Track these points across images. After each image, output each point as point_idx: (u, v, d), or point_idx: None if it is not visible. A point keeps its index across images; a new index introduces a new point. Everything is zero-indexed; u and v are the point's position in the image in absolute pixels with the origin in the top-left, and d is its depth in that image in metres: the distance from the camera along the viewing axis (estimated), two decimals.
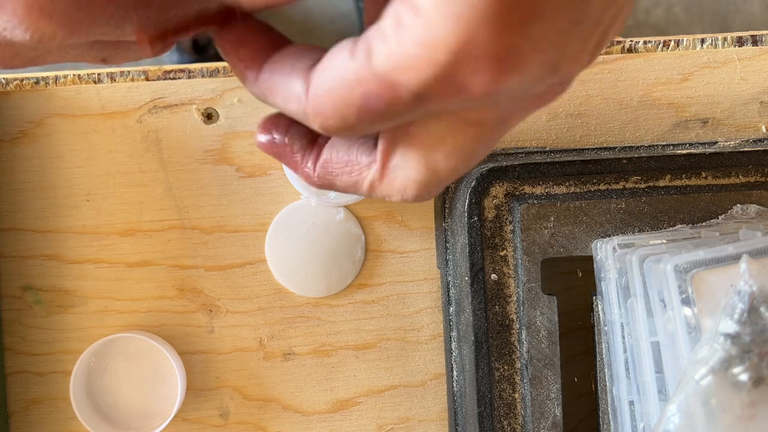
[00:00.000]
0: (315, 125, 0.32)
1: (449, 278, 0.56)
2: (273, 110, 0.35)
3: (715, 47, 0.58)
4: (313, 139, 0.36)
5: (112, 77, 0.58)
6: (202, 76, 0.58)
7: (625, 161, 0.54)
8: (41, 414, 0.58)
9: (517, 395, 0.54)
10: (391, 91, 0.29)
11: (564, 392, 0.53)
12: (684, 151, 0.54)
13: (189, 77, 0.58)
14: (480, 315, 0.53)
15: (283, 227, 0.58)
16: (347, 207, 0.58)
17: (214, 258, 0.58)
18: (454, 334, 0.56)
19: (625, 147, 0.57)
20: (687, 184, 0.54)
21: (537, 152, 0.57)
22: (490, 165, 0.54)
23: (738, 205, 0.53)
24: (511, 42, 0.27)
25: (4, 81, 0.57)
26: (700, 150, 0.54)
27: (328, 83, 0.30)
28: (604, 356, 0.52)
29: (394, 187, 0.34)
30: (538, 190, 0.54)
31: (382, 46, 0.28)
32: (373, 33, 0.29)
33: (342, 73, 0.30)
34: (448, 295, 0.56)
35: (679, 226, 0.53)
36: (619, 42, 0.58)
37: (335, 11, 1.54)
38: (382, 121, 0.30)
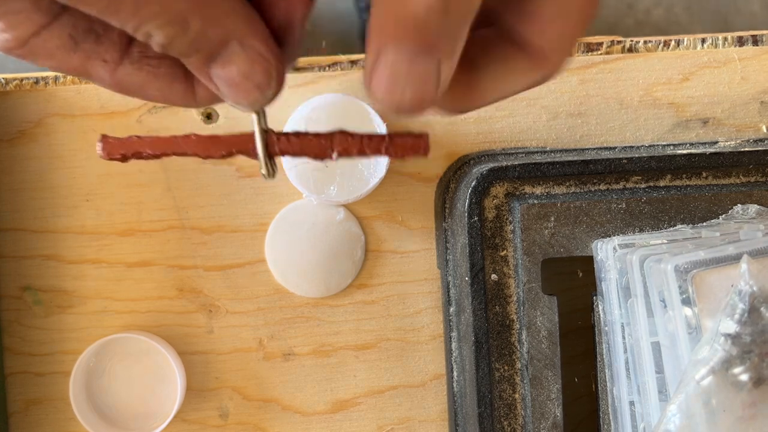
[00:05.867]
0: None
1: (449, 278, 0.56)
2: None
3: (716, 47, 0.58)
4: None
5: None
6: None
7: (625, 161, 0.54)
8: (41, 414, 0.58)
9: (517, 396, 0.54)
10: None
11: (564, 393, 0.53)
12: (684, 151, 0.54)
13: None
14: (480, 315, 0.53)
15: (282, 227, 0.58)
16: (347, 207, 0.58)
17: (214, 258, 0.58)
18: (454, 334, 0.56)
19: (626, 147, 0.57)
20: (687, 184, 0.54)
21: (537, 152, 0.57)
22: (490, 165, 0.54)
23: (738, 205, 0.53)
24: None
25: (3, 81, 0.57)
26: (700, 150, 0.54)
27: None
28: (604, 356, 0.52)
29: None
30: (539, 190, 0.54)
31: None
32: None
33: None
34: (448, 295, 0.56)
35: (680, 226, 0.53)
36: (619, 42, 0.58)
37: (335, 11, 1.54)
38: None
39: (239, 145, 0.34)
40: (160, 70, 0.33)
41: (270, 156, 0.34)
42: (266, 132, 0.33)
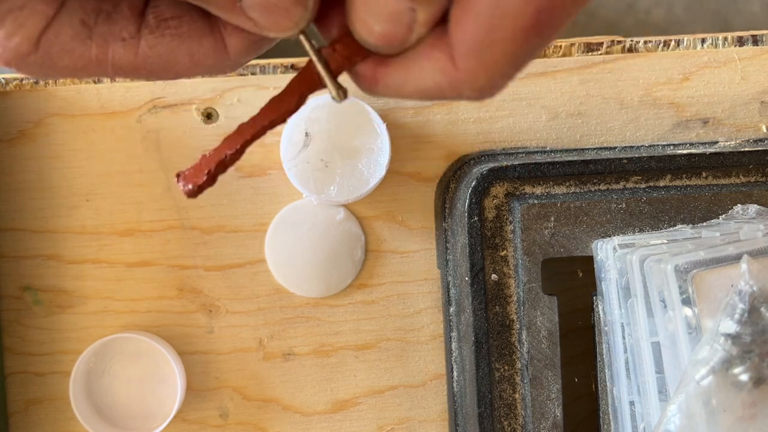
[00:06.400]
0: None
1: (449, 278, 0.56)
2: None
3: (716, 47, 0.58)
4: None
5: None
6: (202, 76, 0.58)
7: (625, 161, 0.54)
8: (41, 414, 0.58)
9: (517, 396, 0.54)
10: None
11: (564, 393, 0.53)
12: (684, 151, 0.54)
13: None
14: (480, 315, 0.53)
15: (282, 227, 0.58)
16: (347, 207, 0.58)
17: (214, 258, 0.58)
18: (454, 334, 0.56)
19: (626, 147, 0.57)
20: (687, 184, 0.54)
21: (537, 152, 0.57)
22: (491, 165, 0.54)
23: (738, 205, 0.53)
24: None
25: (3, 81, 0.57)
26: (700, 150, 0.54)
27: None
28: (604, 356, 0.52)
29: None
30: (539, 190, 0.54)
31: None
32: None
33: None
34: (449, 295, 0.56)
35: (680, 226, 0.53)
36: (619, 42, 0.58)
37: None
38: None
39: (306, 82, 0.31)
40: (182, 30, 0.30)
41: (335, 75, 0.31)
42: (319, 51, 0.30)
